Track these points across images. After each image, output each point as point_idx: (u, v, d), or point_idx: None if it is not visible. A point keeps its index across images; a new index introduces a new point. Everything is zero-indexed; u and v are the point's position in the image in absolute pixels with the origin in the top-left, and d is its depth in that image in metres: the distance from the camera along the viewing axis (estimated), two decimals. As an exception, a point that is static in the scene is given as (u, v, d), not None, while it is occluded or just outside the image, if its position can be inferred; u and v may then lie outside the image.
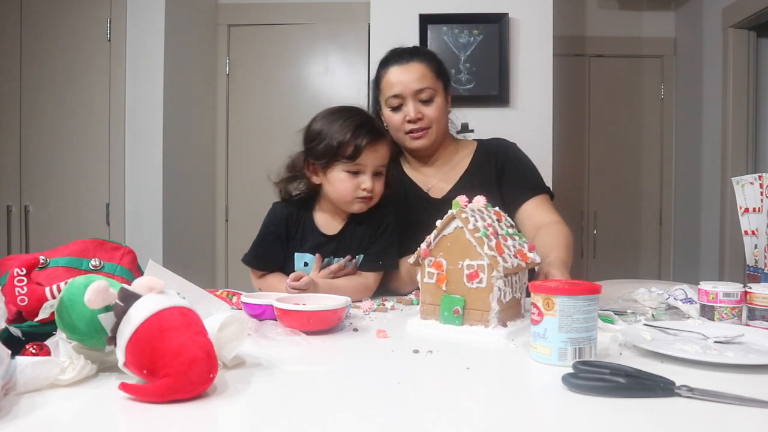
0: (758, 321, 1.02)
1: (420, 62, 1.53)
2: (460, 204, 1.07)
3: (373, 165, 1.37)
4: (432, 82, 1.52)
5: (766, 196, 1.23)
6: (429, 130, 1.54)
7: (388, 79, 1.54)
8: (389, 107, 1.55)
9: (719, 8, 3.20)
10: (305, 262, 1.43)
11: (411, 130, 1.53)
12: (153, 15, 2.82)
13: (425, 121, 1.52)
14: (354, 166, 1.35)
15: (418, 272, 1.10)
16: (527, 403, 0.70)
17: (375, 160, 1.37)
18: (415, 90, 1.50)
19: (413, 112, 1.51)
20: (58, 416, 0.62)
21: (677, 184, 3.71)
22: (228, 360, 0.77)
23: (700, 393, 0.67)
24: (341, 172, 1.36)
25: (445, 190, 1.59)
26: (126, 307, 0.69)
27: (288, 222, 1.45)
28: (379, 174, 1.40)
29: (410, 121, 1.52)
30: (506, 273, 1.01)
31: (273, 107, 3.49)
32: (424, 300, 1.08)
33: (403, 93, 1.51)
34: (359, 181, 1.36)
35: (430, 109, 1.52)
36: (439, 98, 1.53)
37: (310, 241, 1.44)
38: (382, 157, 1.39)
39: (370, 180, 1.36)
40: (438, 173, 1.62)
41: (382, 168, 1.40)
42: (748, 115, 3.15)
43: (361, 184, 1.36)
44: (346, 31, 3.47)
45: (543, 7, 2.79)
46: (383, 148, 1.39)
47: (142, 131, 2.85)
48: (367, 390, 0.74)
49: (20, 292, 0.77)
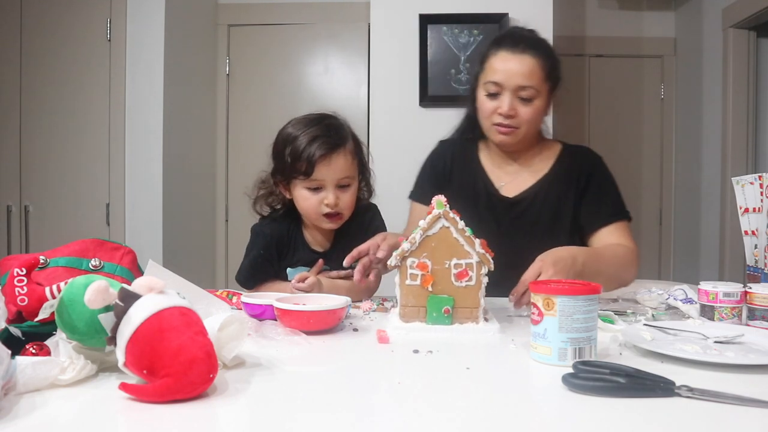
0: (758, 321, 1.02)
1: (534, 57, 1.38)
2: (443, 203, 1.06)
3: (333, 179, 1.31)
4: (538, 82, 1.38)
5: (766, 196, 1.23)
6: (518, 130, 1.41)
7: (493, 62, 1.40)
8: (486, 92, 1.41)
9: (719, 8, 3.20)
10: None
11: (500, 123, 1.40)
12: (153, 15, 2.82)
13: (517, 120, 1.39)
14: (312, 182, 1.31)
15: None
16: (527, 403, 0.70)
17: (333, 174, 1.30)
18: (517, 85, 1.37)
19: (507, 107, 1.38)
20: (58, 416, 0.62)
21: (677, 184, 3.71)
22: (228, 360, 0.77)
23: (700, 393, 0.67)
24: (302, 189, 1.33)
25: (518, 190, 1.48)
26: (126, 307, 0.69)
27: (279, 243, 1.40)
28: (345, 186, 1.34)
29: (501, 114, 1.39)
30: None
31: (273, 107, 3.49)
32: (406, 303, 1.06)
33: (505, 83, 1.38)
34: (321, 196, 1.31)
35: (526, 109, 1.39)
36: (540, 100, 1.40)
37: (302, 259, 1.40)
38: (342, 168, 1.31)
39: (332, 194, 1.31)
40: (515, 171, 1.51)
41: (347, 179, 1.33)
42: (748, 115, 3.15)
43: (324, 199, 1.31)
44: (346, 31, 3.47)
45: (543, 7, 2.79)
46: (341, 158, 1.31)
47: (142, 131, 2.85)
48: (367, 390, 0.74)
49: (20, 292, 0.77)
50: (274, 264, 1.41)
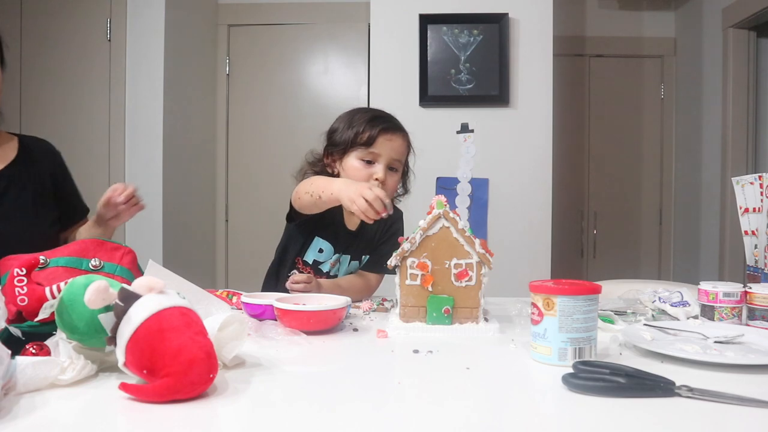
0: (758, 321, 1.02)
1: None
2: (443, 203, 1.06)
3: (388, 156, 1.36)
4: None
5: (766, 196, 1.23)
6: None
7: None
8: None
9: (719, 8, 3.20)
10: (320, 249, 1.44)
11: None
12: (153, 15, 2.82)
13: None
14: (368, 154, 1.36)
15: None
16: (527, 403, 0.70)
17: (390, 152, 1.36)
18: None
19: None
20: (58, 416, 0.62)
21: (677, 184, 3.71)
22: (228, 360, 0.77)
23: (700, 393, 0.67)
24: (355, 159, 1.37)
25: None
26: (126, 307, 0.69)
27: None
28: (393, 170, 1.39)
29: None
30: None
31: (273, 107, 3.49)
32: (406, 302, 1.06)
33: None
34: (372, 170, 1.36)
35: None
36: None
37: (332, 228, 1.44)
38: (398, 149, 1.38)
39: (383, 170, 1.36)
40: None
41: (397, 163, 1.39)
42: (748, 115, 3.14)
43: (375, 174, 1.35)
44: (346, 31, 3.47)
45: (543, 7, 2.79)
46: (399, 140, 1.39)
47: (142, 131, 2.85)
48: (367, 390, 0.74)
49: (20, 292, 0.77)
50: None
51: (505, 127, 2.78)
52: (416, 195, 1.64)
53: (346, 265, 1.48)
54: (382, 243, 1.45)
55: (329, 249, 1.44)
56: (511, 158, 2.77)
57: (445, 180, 2.79)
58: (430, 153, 2.61)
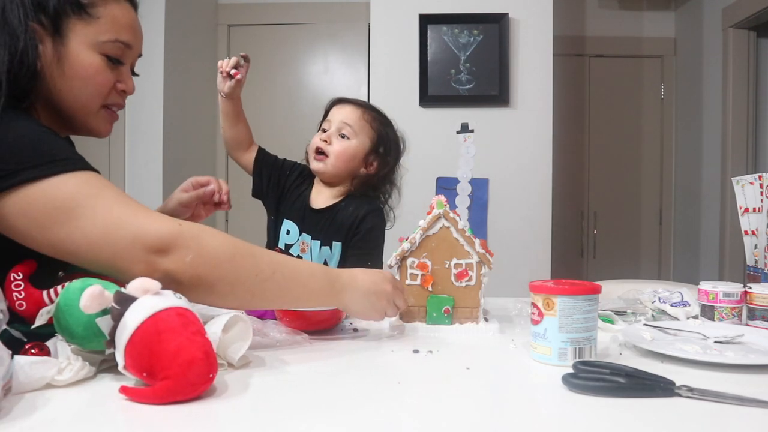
0: (758, 321, 1.02)
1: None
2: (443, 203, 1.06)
3: (337, 120, 1.48)
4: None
5: (766, 196, 1.23)
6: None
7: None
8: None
9: (719, 8, 3.20)
10: (288, 230, 1.51)
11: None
12: (153, 15, 2.82)
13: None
14: (325, 123, 1.52)
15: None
16: (527, 403, 0.70)
17: (339, 116, 1.49)
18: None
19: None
20: (58, 416, 0.62)
21: (677, 184, 3.71)
22: (235, 361, 0.78)
23: (700, 393, 0.67)
24: (319, 132, 1.53)
25: None
26: (122, 311, 0.68)
27: (298, 176, 1.58)
28: (344, 137, 1.48)
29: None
30: None
31: (273, 107, 3.49)
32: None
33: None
34: (323, 136, 1.49)
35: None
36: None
37: (298, 207, 1.53)
38: (347, 115, 1.49)
39: (331, 135, 1.48)
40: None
41: (348, 130, 1.48)
42: (748, 115, 3.15)
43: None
44: (346, 31, 3.47)
45: (543, 7, 2.79)
46: (349, 107, 1.51)
47: (142, 131, 2.84)
48: (367, 390, 0.73)
49: (18, 297, 0.76)
50: (280, 176, 1.59)
51: (505, 127, 2.78)
52: (416, 195, 1.64)
53: (317, 250, 1.48)
54: (359, 238, 1.46)
55: (295, 229, 1.50)
56: (511, 158, 2.77)
57: (445, 180, 2.79)
58: (429, 153, 2.62)
